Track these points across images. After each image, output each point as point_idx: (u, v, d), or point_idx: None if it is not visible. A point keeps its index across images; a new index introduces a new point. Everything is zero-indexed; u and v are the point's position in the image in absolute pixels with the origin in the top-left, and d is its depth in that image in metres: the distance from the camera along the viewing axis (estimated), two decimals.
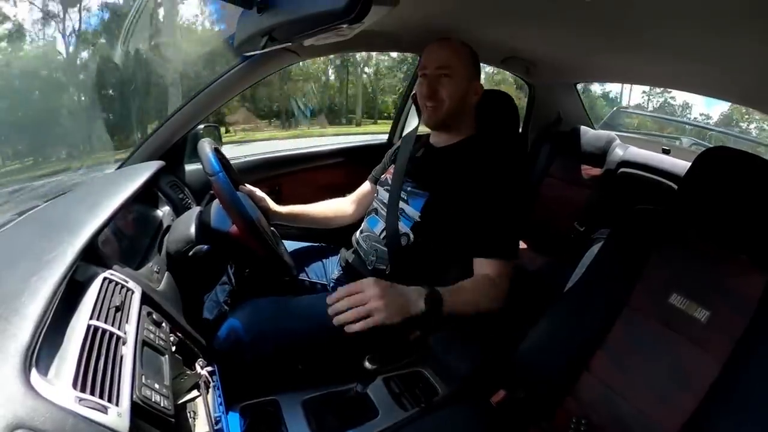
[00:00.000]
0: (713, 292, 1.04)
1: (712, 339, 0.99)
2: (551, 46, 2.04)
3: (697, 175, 1.12)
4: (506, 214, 1.25)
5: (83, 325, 0.68)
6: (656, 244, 1.16)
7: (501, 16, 1.58)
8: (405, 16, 1.53)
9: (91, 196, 0.99)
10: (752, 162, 1.06)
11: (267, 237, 1.21)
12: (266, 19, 0.97)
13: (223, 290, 1.45)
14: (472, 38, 1.44)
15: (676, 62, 1.78)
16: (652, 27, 1.39)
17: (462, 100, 1.33)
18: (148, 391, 0.68)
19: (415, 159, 1.46)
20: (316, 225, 1.62)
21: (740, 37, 1.32)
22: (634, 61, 1.99)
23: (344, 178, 2.15)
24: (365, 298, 0.99)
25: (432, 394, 1.28)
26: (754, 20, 1.15)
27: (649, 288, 1.12)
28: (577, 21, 1.47)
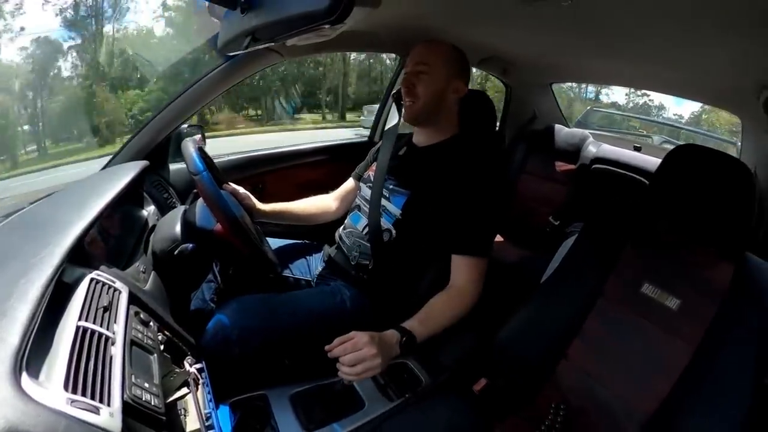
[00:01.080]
0: (683, 281, 1.07)
1: (684, 326, 1.02)
2: (528, 48, 2.08)
3: (668, 171, 1.15)
4: (483, 215, 1.27)
5: (72, 326, 0.66)
6: (628, 237, 1.18)
7: (479, 18, 1.60)
8: (386, 17, 1.53)
9: (77, 197, 0.96)
10: (719, 158, 1.10)
11: (251, 234, 1.20)
12: (249, 19, 0.96)
13: (209, 288, 1.43)
14: (451, 39, 1.44)
15: (650, 65, 1.83)
16: (627, 31, 1.43)
17: (438, 97, 1.34)
18: (139, 391, 0.67)
19: (398, 158, 1.46)
20: (301, 222, 1.60)
21: (711, 46, 1.36)
22: (608, 63, 2.04)
23: (327, 176, 2.15)
24: (366, 355, 1.01)
25: (416, 385, 1.29)
26: (725, 30, 1.21)
27: (622, 278, 1.15)
28: (553, 24, 1.49)
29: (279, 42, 1.07)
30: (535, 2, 1.27)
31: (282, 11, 0.84)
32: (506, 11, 1.44)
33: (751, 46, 1.26)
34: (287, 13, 0.81)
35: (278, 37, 0.95)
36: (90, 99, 12.71)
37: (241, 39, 1.06)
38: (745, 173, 1.07)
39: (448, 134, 1.41)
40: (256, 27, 0.95)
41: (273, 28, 0.91)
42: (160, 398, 0.71)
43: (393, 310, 1.30)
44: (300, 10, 0.76)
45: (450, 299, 1.23)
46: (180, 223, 1.19)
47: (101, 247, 0.95)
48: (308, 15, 0.74)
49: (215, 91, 1.59)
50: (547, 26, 1.54)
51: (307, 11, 0.73)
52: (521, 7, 1.32)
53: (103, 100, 12.76)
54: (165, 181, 1.57)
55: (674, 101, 30.17)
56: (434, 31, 1.70)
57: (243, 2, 0.94)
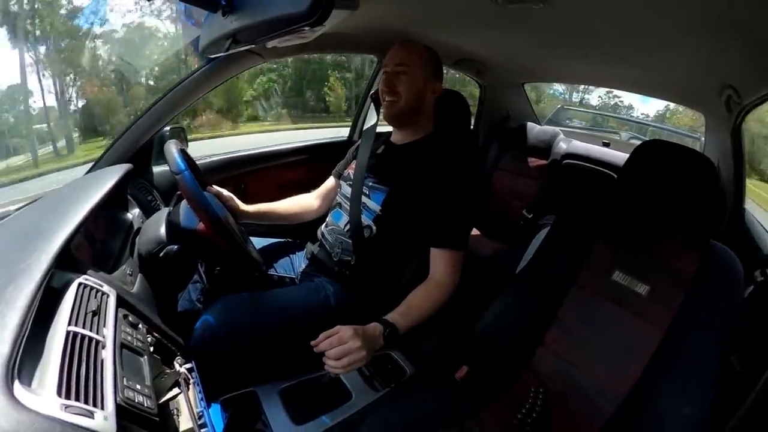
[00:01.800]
0: (652, 268, 1.11)
1: (653, 310, 1.06)
2: (501, 50, 2.11)
3: (635, 165, 1.18)
4: (459, 209, 1.29)
5: (62, 331, 0.65)
6: (598, 228, 1.22)
7: (454, 21, 1.61)
8: (364, 19, 1.53)
9: (62, 202, 0.94)
10: (685, 153, 1.13)
11: (233, 233, 1.19)
12: (230, 22, 0.96)
13: (195, 289, 1.42)
14: (428, 41, 1.45)
15: (619, 66, 1.88)
16: (597, 34, 1.46)
17: (418, 96, 1.35)
18: (131, 393, 0.66)
19: (377, 155, 1.46)
20: (284, 221, 1.60)
21: (677, 49, 1.40)
22: (579, 64, 2.08)
23: (307, 175, 2.14)
24: (351, 348, 1.01)
25: (401, 375, 1.31)
26: (690, 34, 1.25)
27: (593, 267, 1.18)
28: (525, 27, 1.52)
29: (260, 44, 1.06)
30: (509, 6, 1.28)
31: (263, 14, 0.84)
32: (480, 14, 1.45)
33: (713, 49, 1.30)
34: (268, 16, 0.81)
35: (259, 39, 0.95)
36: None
37: (223, 41, 1.06)
38: (708, 167, 1.11)
39: (424, 133, 1.43)
40: (237, 29, 0.95)
41: (254, 30, 0.90)
42: (153, 399, 0.70)
43: (376, 304, 1.32)
44: (280, 13, 0.76)
45: (429, 291, 1.25)
46: (165, 225, 1.17)
47: (88, 252, 0.93)
48: (289, 17, 0.74)
49: (197, 93, 1.57)
50: (519, 29, 1.57)
51: (288, 14, 0.74)
52: (495, 10, 1.34)
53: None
54: (149, 184, 1.54)
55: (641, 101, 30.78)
56: (411, 34, 1.71)
57: (224, 5, 0.94)
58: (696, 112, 2.26)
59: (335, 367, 1.01)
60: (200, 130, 11.98)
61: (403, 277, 1.37)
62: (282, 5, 0.75)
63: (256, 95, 15.25)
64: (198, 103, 1.95)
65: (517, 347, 1.20)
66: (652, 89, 2.35)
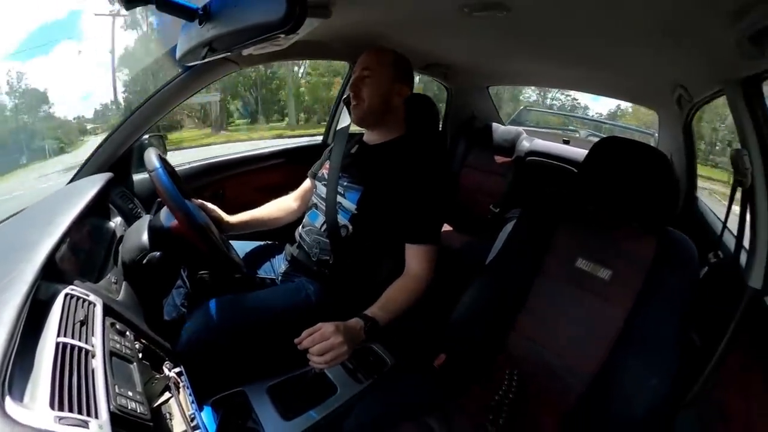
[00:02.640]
0: (613, 255, 1.15)
1: (616, 293, 1.11)
2: (467, 55, 2.15)
3: (594, 159, 1.23)
4: (430, 206, 1.31)
5: (52, 343, 0.64)
6: (561, 219, 1.26)
7: (423, 28, 1.63)
8: (337, 27, 1.52)
9: (45, 213, 0.91)
10: (639, 147, 1.19)
11: (206, 227, 1.17)
12: (207, 30, 0.95)
13: (179, 294, 1.39)
14: (399, 47, 1.47)
15: (579, 68, 1.94)
16: (558, 39, 1.50)
17: (383, 98, 1.36)
18: (124, 400, 0.65)
19: (351, 155, 1.47)
20: (267, 227, 1.59)
21: (632, 52, 1.45)
22: (541, 67, 2.14)
23: (284, 178, 2.13)
24: (333, 344, 1.01)
25: (382, 366, 1.32)
26: (643, 39, 1.29)
27: (558, 255, 1.23)
28: (490, 33, 1.55)
29: (235, 52, 1.05)
30: (474, 14, 1.30)
31: (238, 22, 0.84)
32: (448, 22, 1.47)
33: (665, 52, 1.35)
34: (243, 24, 0.81)
35: (235, 47, 0.94)
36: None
37: (199, 49, 1.04)
38: (662, 160, 1.16)
39: (396, 134, 1.44)
40: (214, 38, 0.94)
41: (230, 38, 0.90)
42: (145, 405, 0.69)
43: (355, 300, 1.33)
44: (256, 21, 0.76)
45: (407, 284, 1.27)
46: (146, 232, 1.15)
47: (72, 262, 0.90)
48: (263, 25, 0.74)
49: (175, 101, 1.54)
50: (484, 35, 1.60)
51: (263, 22, 0.74)
52: (461, 17, 1.36)
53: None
54: (130, 192, 1.50)
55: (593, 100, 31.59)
56: (382, 40, 1.71)
57: (201, 14, 0.93)
58: (644, 111, 2.35)
59: (319, 363, 1.01)
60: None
61: (381, 274, 1.37)
62: (257, 14, 0.76)
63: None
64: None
65: (490, 333, 1.23)
66: (610, 90, 2.43)
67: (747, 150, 1.08)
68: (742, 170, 1.07)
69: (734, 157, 1.11)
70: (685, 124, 1.81)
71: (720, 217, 1.38)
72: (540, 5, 1.22)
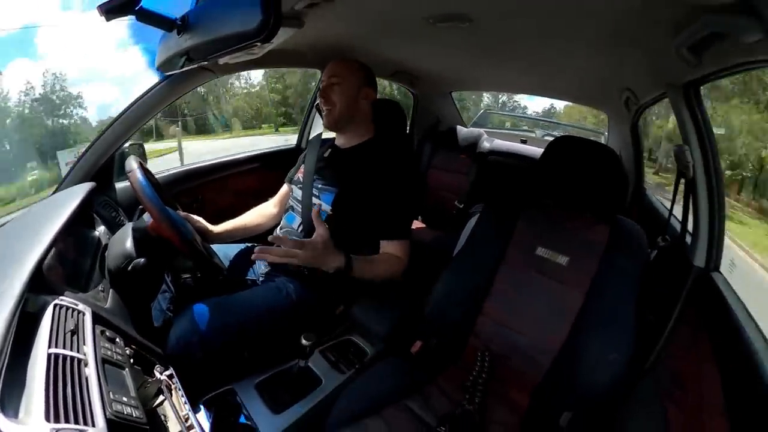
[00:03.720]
0: (569, 242, 1.20)
1: (574, 277, 1.15)
2: (431, 63, 2.19)
3: (550, 157, 1.27)
4: (401, 204, 1.34)
5: (43, 355, 0.61)
6: (521, 212, 1.30)
7: (390, 37, 1.64)
8: (309, 36, 1.52)
9: (30, 225, 0.87)
10: (590, 145, 1.24)
11: (179, 224, 1.15)
12: (185, 40, 0.93)
13: (164, 298, 1.36)
14: (367, 55, 1.48)
15: (535, 75, 2.01)
16: (516, 48, 1.54)
17: (351, 103, 1.38)
18: (119, 406, 0.63)
19: (324, 159, 1.47)
20: (251, 233, 1.57)
21: (584, 60, 1.50)
22: (501, 74, 2.20)
23: (260, 182, 2.11)
24: (297, 244, 1.11)
25: (363, 356, 1.33)
26: (594, 48, 1.35)
27: (519, 245, 1.27)
28: (453, 42, 1.58)
29: (212, 60, 1.04)
30: (438, 24, 1.32)
31: (215, 32, 0.83)
32: (414, 32, 1.49)
33: (614, 59, 1.41)
34: (219, 34, 0.80)
35: (211, 56, 0.92)
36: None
37: (177, 59, 1.02)
38: (612, 155, 1.22)
39: (365, 137, 1.45)
40: (191, 47, 0.92)
41: (207, 47, 0.88)
42: (140, 409, 0.67)
43: (333, 297, 1.37)
44: (231, 31, 0.75)
45: (383, 256, 1.32)
46: (130, 240, 1.12)
47: (60, 272, 0.86)
48: (239, 35, 0.74)
49: (154, 109, 1.49)
50: (448, 44, 1.63)
51: (238, 31, 0.73)
52: (426, 28, 1.39)
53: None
54: (112, 201, 1.45)
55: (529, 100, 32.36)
56: (352, 49, 1.72)
57: (179, 24, 0.91)
58: (577, 110, 2.47)
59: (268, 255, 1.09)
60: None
61: None
62: (233, 24, 0.75)
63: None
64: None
65: (461, 319, 1.26)
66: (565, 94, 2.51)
67: (688, 146, 1.14)
68: (684, 163, 1.14)
69: (677, 153, 1.17)
70: (632, 123, 1.88)
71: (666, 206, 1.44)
72: (499, 17, 1.25)
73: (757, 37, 0.72)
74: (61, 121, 12.74)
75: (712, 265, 1.09)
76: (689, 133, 1.14)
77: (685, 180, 1.18)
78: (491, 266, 1.27)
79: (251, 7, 0.69)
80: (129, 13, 0.85)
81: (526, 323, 1.19)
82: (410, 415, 1.06)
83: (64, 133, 12.33)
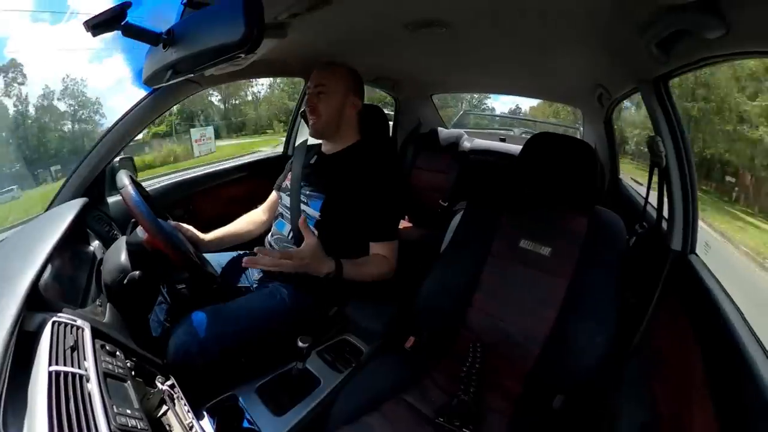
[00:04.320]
0: (551, 234, 1.22)
1: (557, 266, 1.17)
2: (411, 68, 2.20)
3: (528, 153, 1.29)
4: (387, 206, 1.33)
5: (44, 373, 0.59)
6: (503, 207, 1.32)
7: (372, 44, 1.65)
8: (292, 46, 1.50)
9: (24, 243, 0.84)
10: (567, 140, 1.28)
11: (175, 236, 1.14)
12: (171, 54, 0.91)
13: (161, 309, 1.33)
14: (349, 62, 1.47)
15: (513, 76, 2.03)
16: (493, 51, 1.56)
17: (338, 111, 1.36)
18: (124, 419, 0.62)
19: (311, 166, 1.45)
20: (241, 240, 1.55)
21: (560, 60, 1.52)
22: (478, 76, 2.24)
23: (249, 190, 2.09)
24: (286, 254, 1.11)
25: (358, 354, 1.32)
26: (569, 49, 1.37)
27: (503, 238, 1.28)
28: (432, 48, 1.59)
29: (198, 73, 1.02)
30: (417, 30, 1.33)
31: (200, 45, 0.82)
32: (394, 38, 1.50)
33: (587, 58, 1.43)
34: (205, 46, 0.79)
35: (197, 69, 0.91)
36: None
37: (164, 72, 1.01)
38: (587, 149, 1.25)
39: (351, 142, 1.43)
40: (177, 60, 0.91)
41: (192, 60, 0.87)
42: (145, 420, 0.66)
43: (325, 299, 1.35)
44: (216, 43, 0.75)
45: (373, 258, 1.31)
46: (124, 253, 1.09)
47: (56, 289, 0.84)
48: (224, 47, 0.73)
49: (143, 123, 1.46)
50: (427, 50, 1.64)
51: (223, 43, 0.73)
52: (406, 34, 1.39)
53: None
54: (105, 215, 1.42)
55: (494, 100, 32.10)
56: (334, 57, 1.71)
57: (165, 38, 0.90)
58: (543, 109, 2.54)
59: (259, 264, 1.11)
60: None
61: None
62: (217, 36, 0.74)
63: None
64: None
65: (451, 312, 1.27)
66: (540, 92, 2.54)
67: (660, 137, 1.16)
68: (657, 153, 1.16)
69: (650, 143, 1.19)
70: (606, 118, 1.92)
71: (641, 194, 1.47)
72: (474, 22, 1.26)
73: (719, 34, 0.75)
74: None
75: (688, 248, 1.12)
76: (661, 124, 1.17)
77: (658, 169, 1.20)
78: (478, 260, 1.28)
79: (235, 19, 0.69)
80: (115, 28, 0.84)
81: (514, 313, 1.20)
82: (408, 409, 1.06)
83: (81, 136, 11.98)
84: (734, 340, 0.80)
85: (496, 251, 1.28)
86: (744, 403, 0.72)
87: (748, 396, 0.71)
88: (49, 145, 11.66)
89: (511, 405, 1.09)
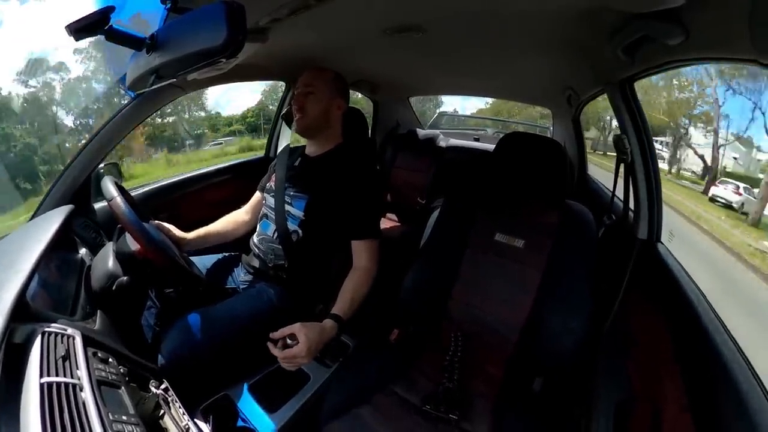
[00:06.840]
0: (524, 227, 1.24)
1: (531, 257, 1.19)
2: (389, 71, 2.19)
3: (501, 151, 1.31)
4: (369, 205, 1.32)
5: (35, 385, 0.56)
6: (478, 203, 1.33)
7: (351, 48, 1.64)
8: (273, 50, 1.48)
9: (9, 252, 0.79)
10: (537, 139, 1.31)
11: (168, 248, 1.11)
12: (154, 59, 0.88)
13: (150, 314, 1.29)
14: (329, 66, 1.45)
15: (487, 78, 2.04)
16: (467, 54, 1.56)
17: (324, 111, 1.35)
18: (120, 426, 0.59)
19: (294, 167, 1.43)
20: (222, 240, 1.51)
21: (531, 63, 1.54)
22: (454, 78, 2.24)
23: (232, 193, 2.04)
24: (300, 351, 1.01)
25: (345, 349, 1.32)
26: (540, 52, 1.38)
27: (479, 233, 1.29)
28: (409, 51, 1.59)
29: (181, 77, 0.99)
30: (394, 35, 1.32)
31: (183, 49, 0.79)
32: (372, 42, 1.49)
33: (557, 61, 1.46)
34: (187, 51, 0.77)
35: (180, 73, 0.88)
36: None
37: (147, 77, 0.97)
38: (557, 147, 1.27)
39: (334, 144, 1.42)
40: (160, 65, 0.87)
41: (175, 65, 0.84)
42: (141, 425, 0.64)
43: (312, 297, 1.35)
44: (199, 48, 0.73)
45: (360, 279, 1.26)
46: (112, 259, 1.06)
47: (45, 298, 0.80)
48: (206, 51, 0.71)
49: (127, 128, 1.41)
50: (404, 54, 1.64)
51: (205, 48, 0.71)
52: (384, 38, 1.38)
53: None
54: (92, 222, 1.36)
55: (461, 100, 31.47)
56: (314, 61, 1.69)
57: (149, 43, 0.87)
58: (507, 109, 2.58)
59: (287, 366, 1.03)
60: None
61: (332, 270, 1.37)
62: (200, 41, 0.72)
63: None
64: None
65: (432, 305, 1.28)
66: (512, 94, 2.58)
67: (626, 135, 1.19)
68: (623, 149, 1.19)
69: (616, 141, 1.22)
70: (574, 117, 1.96)
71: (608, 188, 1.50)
72: (451, 26, 1.26)
73: (679, 40, 0.79)
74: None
75: (654, 236, 1.15)
76: (626, 123, 1.20)
77: (624, 164, 1.23)
78: (456, 255, 1.29)
79: (217, 24, 0.67)
80: (99, 32, 0.80)
81: (492, 303, 1.21)
82: (397, 399, 1.06)
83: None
84: (698, 318, 0.84)
85: (473, 245, 1.29)
86: (709, 374, 0.75)
87: (712, 367, 0.74)
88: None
89: (494, 389, 1.10)
